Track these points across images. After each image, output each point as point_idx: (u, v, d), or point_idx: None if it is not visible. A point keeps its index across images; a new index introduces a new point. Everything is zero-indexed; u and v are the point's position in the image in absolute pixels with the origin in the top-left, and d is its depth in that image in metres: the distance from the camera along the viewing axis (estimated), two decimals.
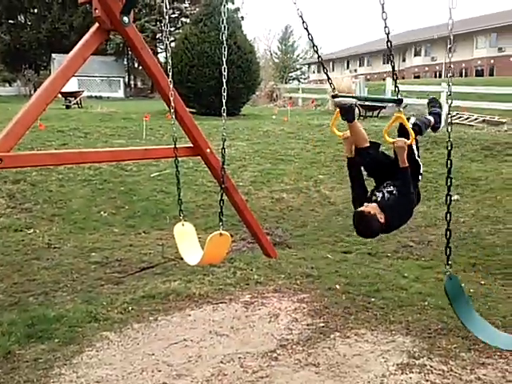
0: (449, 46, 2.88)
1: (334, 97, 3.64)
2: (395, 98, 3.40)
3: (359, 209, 3.30)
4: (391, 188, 3.42)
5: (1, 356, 3.65)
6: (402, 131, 3.47)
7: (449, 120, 3.27)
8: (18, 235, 6.80)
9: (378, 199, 3.37)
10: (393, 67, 3.24)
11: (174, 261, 5.79)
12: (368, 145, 3.53)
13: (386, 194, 3.40)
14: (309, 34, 3.68)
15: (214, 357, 3.75)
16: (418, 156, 3.58)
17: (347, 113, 3.48)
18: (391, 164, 3.45)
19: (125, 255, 6.07)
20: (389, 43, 3.12)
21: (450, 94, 3.02)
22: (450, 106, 3.02)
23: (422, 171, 3.62)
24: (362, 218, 3.25)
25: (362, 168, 3.62)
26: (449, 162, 2.89)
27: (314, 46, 3.78)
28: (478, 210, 7.86)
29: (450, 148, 2.87)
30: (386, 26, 3.09)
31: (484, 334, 2.73)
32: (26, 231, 6.97)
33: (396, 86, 3.33)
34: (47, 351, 3.75)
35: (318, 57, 3.81)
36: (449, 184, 2.92)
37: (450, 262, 2.83)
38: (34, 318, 4.20)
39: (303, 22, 3.63)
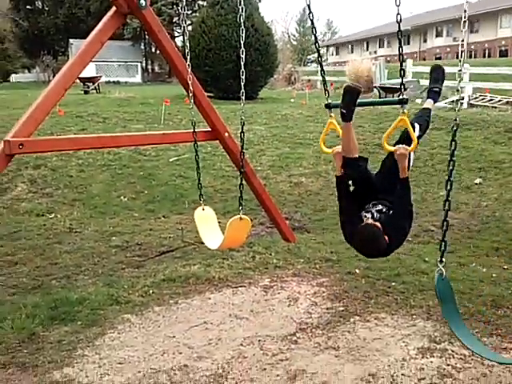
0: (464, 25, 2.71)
1: (326, 106, 3.42)
2: (401, 98, 3.08)
3: (365, 223, 2.93)
4: (380, 207, 3.09)
5: (25, 337, 3.73)
6: (403, 136, 3.21)
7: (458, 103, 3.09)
8: (40, 220, 6.90)
9: (369, 221, 2.97)
10: (401, 61, 3.03)
11: (193, 245, 5.83)
12: (358, 156, 3.22)
13: (375, 214, 3.04)
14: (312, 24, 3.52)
15: (234, 339, 3.77)
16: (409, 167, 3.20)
17: (351, 99, 3.10)
18: (376, 182, 3.22)
19: (145, 239, 6.12)
20: (399, 33, 2.97)
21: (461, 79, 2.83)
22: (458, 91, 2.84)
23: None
24: (371, 234, 2.86)
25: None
26: (453, 143, 2.77)
27: (314, 35, 3.61)
28: (502, 194, 7.71)
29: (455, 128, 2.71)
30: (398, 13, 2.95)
31: (466, 340, 2.65)
32: (48, 216, 7.08)
33: (402, 84, 3.08)
34: (70, 333, 3.82)
35: (318, 51, 3.67)
36: (451, 168, 2.83)
37: (443, 260, 2.70)
38: (57, 301, 4.27)
39: (309, 13, 3.48)
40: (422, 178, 8.45)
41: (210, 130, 4.92)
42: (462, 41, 2.59)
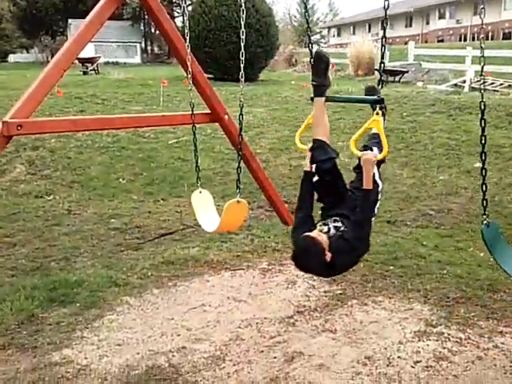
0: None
1: (312, 99, 3.02)
2: (376, 97, 2.81)
3: (307, 234, 2.58)
4: (339, 224, 2.72)
5: (25, 319, 3.75)
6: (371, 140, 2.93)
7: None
8: (39, 201, 6.90)
9: (313, 234, 2.61)
10: (382, 53, 2.70)
11: (192, 228, 5.83)
12: (328, 142, 2.94)
13: (332, 230, 2.69)
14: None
15: (232, 322, 3.80)
16: (380, 177, 2.93)
17: (321, 67, 2.90)
18: (343, 187, 2.90)
19: (144, 222, 6.13)
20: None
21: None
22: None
23: (380, 196, 2.94)
24: (308, 246, 2.53)
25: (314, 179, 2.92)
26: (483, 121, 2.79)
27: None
28: (501, 178, 7.69)
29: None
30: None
31: None
32: (46, 198, 7.07)
33: (381, 80, 2.74)
34: (69, 315, 3.85)
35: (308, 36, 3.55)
36: (483, 142, 3.04)
37: (486, 212, 2.91)
38: (56, 283, 4.29)
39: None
40: (421, 161, 8.42)
41: (209, 112, 4.87)
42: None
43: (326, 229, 2.69)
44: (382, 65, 2.78)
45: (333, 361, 3.28)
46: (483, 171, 2.86)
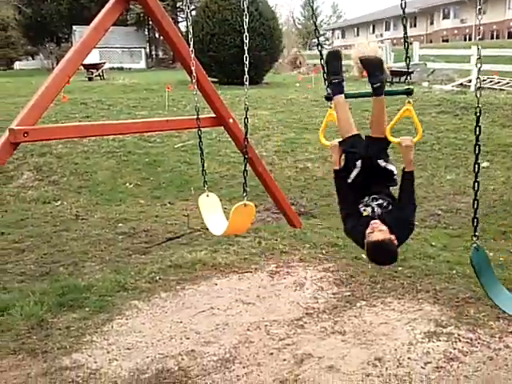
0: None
1: (327, 98, 3.10)
2: (406, 88, 2.99)
3: (374, 239, 2.64)
4: (380, 201, 2.83)
5: (34, 324, 3.76)
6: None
7: (478, 85, 3.03)
8: (47, 207, 6.94)
9: (370, 214, 2.78)
10: (406, 48, 3.00)
11: (199, 231, 5.84)
12: (356, 132, 3.01)
13: (376, 209, 2.80)
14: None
15: (241, 324, 3.80)
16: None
17: (336, 63, 3.01)
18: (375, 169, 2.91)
19: (151, 226, 6.14)
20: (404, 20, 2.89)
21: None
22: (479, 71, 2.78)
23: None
24: (385, 248, 2.65)
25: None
26: (477, 128, 2.72)
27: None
28: (509, 177, 7.65)
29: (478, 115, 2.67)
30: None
31: (509, 307, 2.66)
32: (54, 203, 7.11)
33: (408, 73, 3.05)
34: (78, 319, 3.86)
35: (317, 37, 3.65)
36: (477, 152, 2.79)
37: (476, 234, 2.72)
38: (65, 288, 4.31)
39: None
40: (428, 161, 8.39)
41: (214, 116, 4.89)
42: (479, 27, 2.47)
43: (370, 210, 2.83)
44: (408, 59, 3.05)
45: (343, 362, 3.27)
46: (475, 184, 2.70)
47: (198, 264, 4.90)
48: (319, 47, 3.37)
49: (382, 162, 2.91)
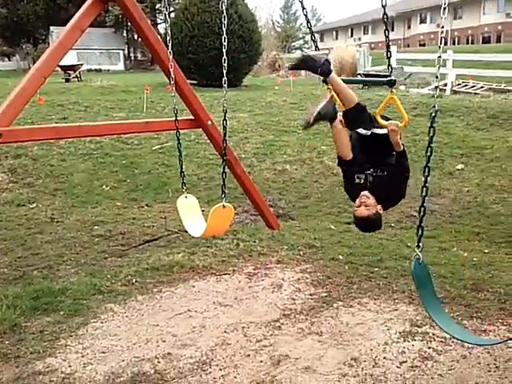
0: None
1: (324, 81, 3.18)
2: (389, 77, 3.17)
3: (359, 215, 2.99)
4: (372, 170, 3.11)
5: (7, 328, 3.68)
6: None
7: (436, 84, 3.06)
8: (21, 210, 6.81)
9: (362, 182, 3.08)
10: (387, 45, 3.13)
11: (177, 233, 5.80)
12: (357, 103, 3.12)
13: (369, 177, 3.09)
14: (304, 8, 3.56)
15: (218, 327, 3.78)
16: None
17: (308, 59, 3.09)
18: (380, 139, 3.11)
19: (128, 228, 6.08)
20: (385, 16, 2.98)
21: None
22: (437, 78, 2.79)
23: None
24: (368, 223, 3.03)
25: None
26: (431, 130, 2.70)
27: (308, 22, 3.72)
28: (483, 179, 7.81)
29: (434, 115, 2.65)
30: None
31: (444, 324, 2.63)
32: (29, 206, 6.99)
33: (389, 65, 3.17)
34: (53, 323, 3.79)
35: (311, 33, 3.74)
36: (428, 154, 2.72)
37: (420, 245, 2.61)
38: (39, 291, 4.23)
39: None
40: None
41: (192, 118, 4.87)
42: (443, 27, 2.48)
43: (363, 177, 3.10)
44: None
45: (319, 363, 3.28)
46: (424, 190, 2.72)
47: (175, 266, 4.87)
48: (315, 43, 3.68)
49: (362, 131, 3.15)
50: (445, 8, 2.49)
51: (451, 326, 2.67)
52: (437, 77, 2.75)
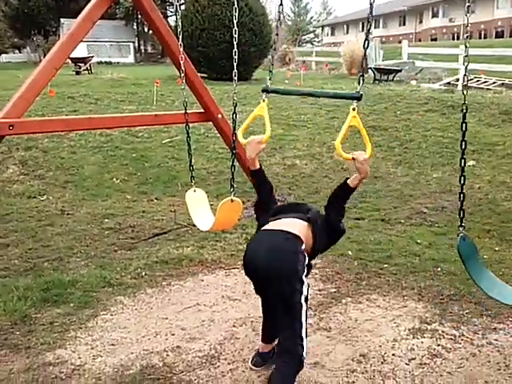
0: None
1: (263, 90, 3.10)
2: (353, 92, 2.64)
3: None
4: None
5: (18, 319, 3.72)
6: None
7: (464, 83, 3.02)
8: (32, 202, 6.86)
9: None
10: (365, 48, 2.71)
11: (186, 227, 5.82)
12: None
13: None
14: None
15: (227, 321, 3.79)
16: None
17: None
18: None
19: (137, 221, 6.10)
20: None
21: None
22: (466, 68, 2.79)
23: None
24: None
25: None
26: (464, 125, 2.75)
27: None
28: (494, 176, 7.73)
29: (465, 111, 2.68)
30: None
31: (496, 292, 2.75)
32: (40, 198, 7.03)
33: (361, 76, 2.66)
34: (63, 315, 3.82)
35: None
36: (463, 147, 2.81)
37: (463, 224, 2.81)
38: (49, 283, 4.26)
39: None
40: (415, 160, 8.46)
41: (202, 111, 4.87)
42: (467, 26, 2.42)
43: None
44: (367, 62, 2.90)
45: (327, 359, 3.28)
46: (462, 179, 2.78)
47: (184, 260, 4.89)
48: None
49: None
50: (469, 6, 2.45)
51: (504, 293, 2.76)
52: (465, 74, 2.71)
